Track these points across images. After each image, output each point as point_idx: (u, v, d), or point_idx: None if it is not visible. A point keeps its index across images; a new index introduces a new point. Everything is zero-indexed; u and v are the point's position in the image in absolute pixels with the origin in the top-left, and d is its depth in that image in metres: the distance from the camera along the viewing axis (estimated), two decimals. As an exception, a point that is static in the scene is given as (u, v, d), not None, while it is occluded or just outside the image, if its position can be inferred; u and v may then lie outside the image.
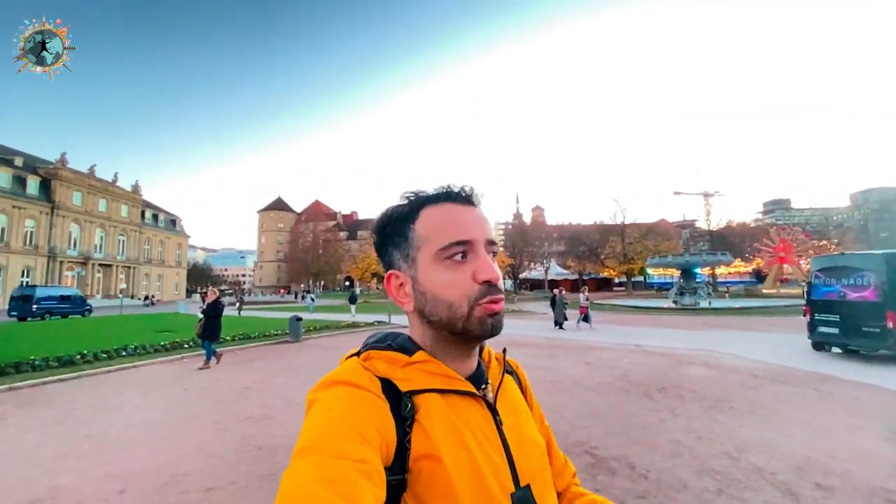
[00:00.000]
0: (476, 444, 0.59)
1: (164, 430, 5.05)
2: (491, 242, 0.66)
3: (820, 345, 9.70)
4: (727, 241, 51.35)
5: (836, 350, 9.50)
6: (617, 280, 61.11)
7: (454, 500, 0.54)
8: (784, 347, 10.40)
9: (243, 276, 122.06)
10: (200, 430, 5.01)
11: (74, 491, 3.48)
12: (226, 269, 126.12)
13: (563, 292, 16.29)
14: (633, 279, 54.85)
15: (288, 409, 5.79)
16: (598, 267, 56.65)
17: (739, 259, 51.16)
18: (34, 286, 28.58)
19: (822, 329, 9.43)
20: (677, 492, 3.33)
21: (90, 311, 28.87)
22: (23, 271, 40.10)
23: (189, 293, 65.94)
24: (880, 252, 8.91)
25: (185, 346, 11.17)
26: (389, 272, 0.68)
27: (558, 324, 15.25)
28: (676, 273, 31.29)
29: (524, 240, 59.56)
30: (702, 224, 52.78)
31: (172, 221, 64.54)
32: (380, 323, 17.79)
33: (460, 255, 0.63)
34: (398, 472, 0.55)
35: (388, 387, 0.59)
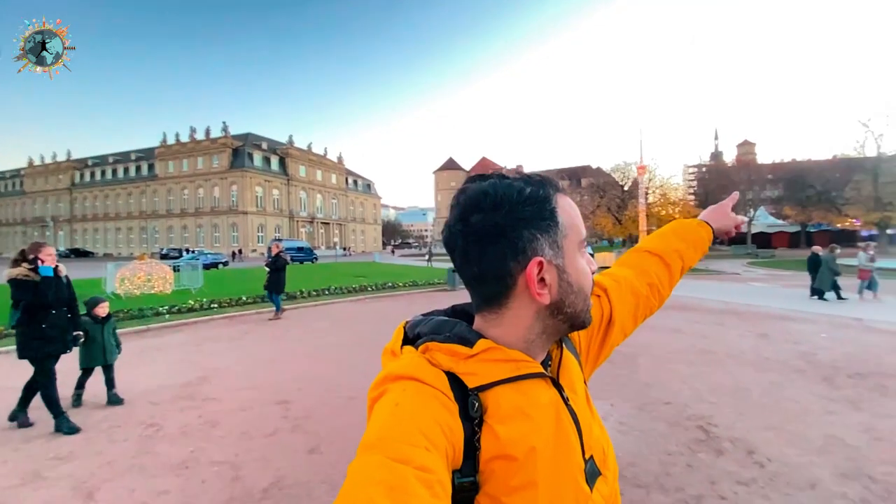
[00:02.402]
0: (550, 428, 0.57)
1: (337, 352, 6.61)
2: None
3: None
4: None
5: None
6: (865, 233, 45.93)
7: (533, 492, 0.53)
8: None
9: (426, 231, 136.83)
10: (361, 353, 6.37)
11: (271, 385, 5.04)
12: (412, 225, 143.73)
13: (837, 251, 11.93)
14: (889, 231, 40.33)
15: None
16: (832, 216, 43.32)
17: None
18: (281, 239, 38.51)
19: None
20: (797, 490, 2.80)
21: (316, 259, 37.59)
22: (275, 228, 54.15)
23: (384, 245, 78.59)
24: None
25: (369, 289, 13.99)
26: (537, 258, 0.57)
27: (818, 292, 11.65)
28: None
29: (721, 184, 49.30)
30: None
31: (368, 185, 76.55)
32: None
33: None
34: (469, 474, 0.53)
35: (455, 383, 0.56)
